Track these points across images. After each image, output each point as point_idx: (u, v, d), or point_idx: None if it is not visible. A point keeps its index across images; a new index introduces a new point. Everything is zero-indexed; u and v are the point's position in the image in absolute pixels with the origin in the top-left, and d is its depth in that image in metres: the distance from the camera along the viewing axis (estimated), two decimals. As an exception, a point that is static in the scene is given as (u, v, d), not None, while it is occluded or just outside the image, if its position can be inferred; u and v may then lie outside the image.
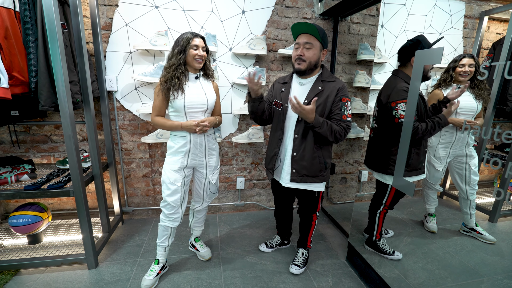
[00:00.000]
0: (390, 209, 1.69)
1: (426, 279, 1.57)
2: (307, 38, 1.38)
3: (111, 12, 1.91)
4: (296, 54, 1.42)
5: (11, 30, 1.41)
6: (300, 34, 1.41)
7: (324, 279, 1.66)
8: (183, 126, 1.43)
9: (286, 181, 1.52)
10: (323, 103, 1.41)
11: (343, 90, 1.41)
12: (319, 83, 1.43)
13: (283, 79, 1.58)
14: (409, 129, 1.28)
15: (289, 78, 1.55)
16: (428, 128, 1.36)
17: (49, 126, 2.04)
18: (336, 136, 1.39)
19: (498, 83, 1.42)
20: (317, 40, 1.38)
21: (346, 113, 1.40)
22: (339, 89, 1.41)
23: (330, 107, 1.41)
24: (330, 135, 1.38)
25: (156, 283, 1.57)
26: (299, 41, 1.40)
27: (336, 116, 1.40)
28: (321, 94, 1.41)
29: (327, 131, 1.36)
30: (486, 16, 1.61)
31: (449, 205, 1.92)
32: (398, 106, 1.42)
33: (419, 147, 1.46)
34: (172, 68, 1.39)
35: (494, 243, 1.58)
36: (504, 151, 1.66)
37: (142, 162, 2.23)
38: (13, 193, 1.54)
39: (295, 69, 1.45)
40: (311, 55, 1.39)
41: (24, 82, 1.50)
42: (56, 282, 1.56)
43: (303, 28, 1.38)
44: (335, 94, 1.40)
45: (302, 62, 1.41)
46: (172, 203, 1.50)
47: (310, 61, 1.40)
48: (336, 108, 1.41)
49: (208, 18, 2.03)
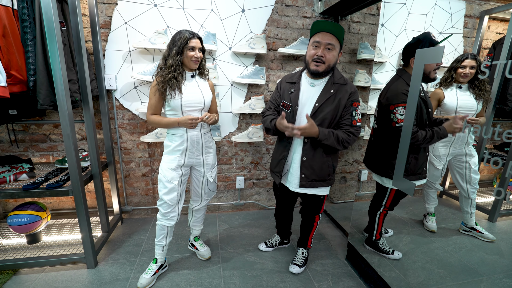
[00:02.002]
0: (390, 210, 1.69)
1: (425, 278, 1.57)
2: (330, 39, 1.28)
3: (110, 10, 1.90)
4: (316, 54, 1.31)
5: (9, 28, 1.40)
6: (320, 32, 1.30)
7: (324, 279, 1.66)
8: (179, 122, 1.42)
9: (295, 186, 1.49)
10: (334, 107, 1.35)
11: (354, 94, 1.36)
12: (331, 86, 1.37)
13: (291, 78, 1.49)
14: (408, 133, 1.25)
15: (297, 77, 1.46)
16: (427, 137, 1.33)
17: (48, 125, 2.03)
18: (343, 145, 1.36)
19: (498, 83, 1.42)
20: (339, 42, 1.31)
21: (356, 118, 1.36)
22: (351, 93, 1.35)
23: (341, 112, 1.36)
24: (338, 144, 1.35)
25: (153, 282, 1.56)
26: (320, 40, 1.29)
27: (346, 121, 1.36)
28: (333, 98, 1.35)
29: (334, 142, 1.33)
30: (486, 16, 1.61)
31: (449, 205, 1.93)
32: (396, 110, 1.38)
33: (418, 152, 1.43)
34: (170, 69, 1.38)
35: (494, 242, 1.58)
36: (503, 150, 1.66)
37: (142, 161, 2.22)
38: (11, 193, 1.53)
39: (312, 70, 1.35)
40: (331, 58, 1.31)
41: (22, 81, 1.49)
42: (55, 282, 1.56)
43: (329, 27, 1.28)
44: (347, 98, 1.35)
45: (321, 64, 1.32)
46: (168, 201, 1.50)
47: (329, 63, 1.33)
48: (346, 113, 1.36)
49: (207, 17, 2.02)
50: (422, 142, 1.34)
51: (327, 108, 1.35)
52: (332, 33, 1.29)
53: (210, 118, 1.47)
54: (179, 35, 1.37)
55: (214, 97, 1.61)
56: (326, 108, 1.35)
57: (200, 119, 1.43)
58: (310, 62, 1.36)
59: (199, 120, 1.42)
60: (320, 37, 1.30)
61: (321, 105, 1.36)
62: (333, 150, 1.43)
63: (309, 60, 1.36)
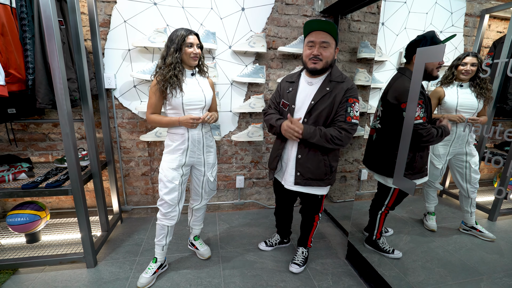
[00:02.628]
0: (391, 210, 1.68)
1: (425, 277, 1.57)
2: (325, 37, 1.30)
3: (109, 9, 1.89)
4: (311, 53, 1.33)
5: (7, 26, 1.39)
6: (314, 32, 1.32)
7: (324, 278, 1.66)
8: (180, 121, 1.42)
9: (290, 183, 1.49)
10: (329, 105, 1.34)
11: (351, 91, 1.34)
12: (327, 84, 1.36)
13: (291, 77, 1.51)
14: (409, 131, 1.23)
15: (296, 77, 1.48)
16: (439, 134, 1.32)
17: (47, 124, 2.03)
18: (335, 143, 1.32)
19: (499, 82, 1.41)
20: (333, 39, 1.32)
21: (352, 114, 1.33)
22: (347, 89, 1.34)
23: (336, 109, 1.35)
24: (327, 142, 1.32)
25: (153, 281, 1.56)
26: (314, 40, 1.31)
27: (340, 117, 1.34)
28: (328, 95, 1.35)
29: (321, 140, 1.32)
30: (487, 14, 1.60)
31: (449, 204, 1.93)
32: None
33: (423, 150, 1.43)
34: (170, 67, 1.38)
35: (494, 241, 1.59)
36: (503, 149, 1.66)
37: (141, 161, 2.22)
38: (10, 192, 1.52)
39: (310, 69, 1.37)
40: (328, 55, 1.33)
41: (21, 80, 1.49)
42: (54, 281, 1.55)
43: (321, 25, 1.29)
44: (342, 95, 1.33)
45: (318, 61, 1.33)
46: (169, 201, 1.49)
47: (327, 60, 1.34)
48: (341, 109, 1.34)
49: (207, 15, 2.01)
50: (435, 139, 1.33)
51: (322, 105, 1.35)
52: (326, 31, 1.30)
53: (212, 118, 1.47)
54: (176, 33, 1.38)
55: (214, 95, 1.60)
56: (321, 106, 1.35)
57: (201, 119, 1.43)
58: (307, 62, 1.38)
59: (200, 120, 1.42)
60: (314, 37, 1.32)
61: (316, 103, 1.36)
62: (330, 149, 1.42)
63: (306, 60, 1.38)
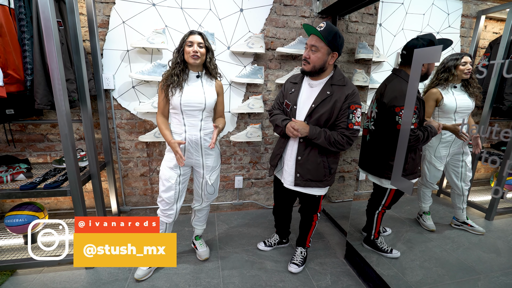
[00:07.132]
0: (388, 209, 1.70)
1: (423, 276, 1.59)
2: (314, 41, 1.34)
3: (108, 10, 1.89)
4: (303, 55, 1.40)
5: (6, 27, 1.39)
6: (311, 35, 1.37)
7: (323, 278, 1.67)
8: (169, 142, 1.42)
9: (289, 183, 1.51)
10: (329, 109, 1.36)
11: (352, 97, 1.35)
12: (328, 88, 1.38)
13: (295, 78, 1.53)
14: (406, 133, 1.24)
15: (300, 78, 1.50)
16: (425, 137, 1.35)
17: (45, 125, 2.02)
18: (337, 147, 1.36)
19: (495, 82, 1.43)
20: (325, 44, 1.33)
21: (353, 121, 1.35)
22: (348, 95, 1.34)
23: (337, 114, 1.36)
24: (329, 145, 1.35)
25: (149, 274, 1.59)
26: (308, 42, 1.37)
27: (342, 124, 1.35)
28: (329, 99, 1.36)
29: (325, 142, 1.34)
30: (483, 15, 1.62)
31: (446, 203, 1.94)
32: (402, 112, 1.34)
33: (415, 152, 1.45)
34: (172, 66, 1.43)
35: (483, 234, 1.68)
36: (500, 149, 1.68)
37: (140, 161, 2.22)
38: (8, 193, 1.52)
39: (301, 70, 1.45)
40: (315, 59, 1.35)
41: (19, 80, 1.48)
42: (53, 283, 1.55)
43: (309, 29, 1.35)
44: (343, 101, 1.34)
45: (306, 64, 1.39)
46: (166, 199, 1.52)
47: (314, 64, 1.36)
48: (342, 116, 1.35)
49: (206, 16, 2.02)
50: (421, 142, 1.36)
51: (323, 109, 1.37)
52: (318, 35, 1.33)
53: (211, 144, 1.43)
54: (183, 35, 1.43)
55: (222, 99, 1.59)
56: (322, 109, 1.37)
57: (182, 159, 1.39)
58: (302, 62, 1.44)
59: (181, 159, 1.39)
60: (309, 39, 1.38)
61: (317, 106, 1.38)
62: (329, 150, 1.43)
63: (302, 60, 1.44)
